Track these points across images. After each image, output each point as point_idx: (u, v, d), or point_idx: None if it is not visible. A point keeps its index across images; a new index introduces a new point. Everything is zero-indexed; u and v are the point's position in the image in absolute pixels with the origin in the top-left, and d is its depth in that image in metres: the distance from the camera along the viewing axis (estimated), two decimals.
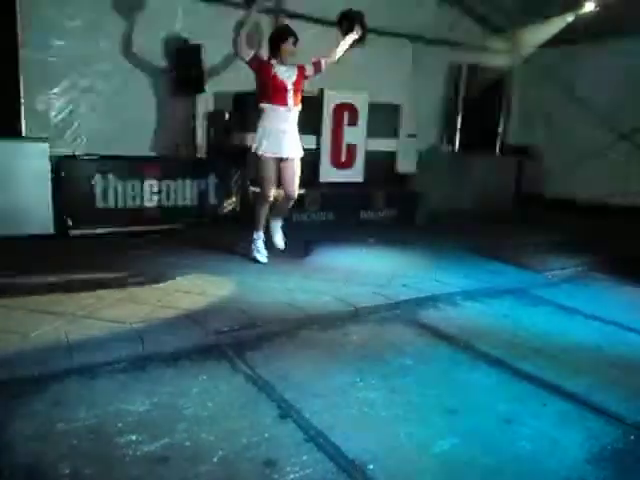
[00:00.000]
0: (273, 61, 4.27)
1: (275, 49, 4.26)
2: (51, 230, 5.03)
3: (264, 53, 4.89)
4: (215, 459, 1.89)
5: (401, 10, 8.06)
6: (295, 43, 4.23)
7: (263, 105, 4.25)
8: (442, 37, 8.54)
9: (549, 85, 9.06)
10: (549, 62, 8.77)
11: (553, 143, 9.20)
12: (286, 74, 4.24)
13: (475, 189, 8.07)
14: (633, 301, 4.10)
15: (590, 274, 4.83)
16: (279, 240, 4.55)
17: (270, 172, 4.28)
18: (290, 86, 4.22)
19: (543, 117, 9.33)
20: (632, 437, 2.18)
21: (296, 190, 4.44)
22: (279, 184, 4.41)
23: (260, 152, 4.23)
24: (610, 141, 8.44)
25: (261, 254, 4.45)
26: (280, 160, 4.29)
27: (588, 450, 2.07)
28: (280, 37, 4.25)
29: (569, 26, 8.08)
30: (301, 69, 4.33)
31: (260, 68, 4.23)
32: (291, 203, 4.50)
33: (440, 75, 8.92)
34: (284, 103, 4.21)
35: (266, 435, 2.05)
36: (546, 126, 9.30)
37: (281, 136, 4.23)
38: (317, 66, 4.37)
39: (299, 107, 4.33)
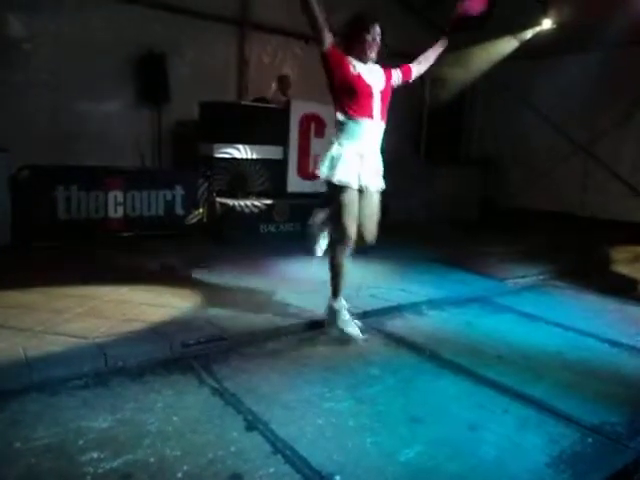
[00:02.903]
0: (350, 58, 3.11)
1: (352, 42, 3.09)
2: (8, 241, 4.88)
3: None
4: (180, 474, 1.86)
5: None
6: (382, 34, 3.09)
7: (341, 117, 3.11)
8: (406, 50, 8.71)
9: (510, 99, 9.36)
10: (510, 76, 9.06)
11: (515, 154, 9.49)
12: (371, 76, 3.12)
13: (440, 199, 8.23)
14: (592, 308, 4.24)
15: (551, 282, 4.99)
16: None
17: (353, 204, 3.13)
18: (377, 93, 3.12)
19: (505, 129, 9.63)
20: (590, 440, 2.25)
21: (374, 234, 3.33)
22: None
23: (336, 180, 3.08)
24: (568, 152, 8.76)
25: (353, 327, 3.24)
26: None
27: (548, 454, 2.12)
28: (362, 25, 3.05)
29: (528, 42, 8.38)
30: (388, 73, 3.25)
31: (341, 62, 3.03)
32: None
33: (405, 87, 9.09)
34: (370, 115, 3.09)
35: (232, 449, 2.03)
36: (507, 138, 9.59)
37: (360, 160, 3.13)
38: (406, 75, 3.36)
39: (384, 124, 3.22)
